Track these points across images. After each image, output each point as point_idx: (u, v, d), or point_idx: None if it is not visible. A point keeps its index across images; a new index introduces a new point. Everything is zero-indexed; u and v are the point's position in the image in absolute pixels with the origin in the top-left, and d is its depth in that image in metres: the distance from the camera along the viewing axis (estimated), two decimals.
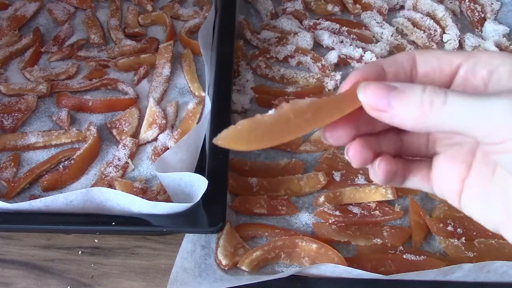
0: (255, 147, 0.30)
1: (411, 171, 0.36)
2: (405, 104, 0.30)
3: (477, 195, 0.33)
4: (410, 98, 0.29)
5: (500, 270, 0.49)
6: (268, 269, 0.54)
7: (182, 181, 0.52)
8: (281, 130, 0.30)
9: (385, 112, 0.30)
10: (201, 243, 0.54)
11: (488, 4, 0.83)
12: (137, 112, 0.66)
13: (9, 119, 0.64)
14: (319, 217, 0.58)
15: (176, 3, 0.80)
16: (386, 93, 0.30)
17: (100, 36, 0.75)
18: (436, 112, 0.29)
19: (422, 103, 0.29)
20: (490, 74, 0.31)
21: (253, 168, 0.62)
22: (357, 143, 0.34)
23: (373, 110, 0.31)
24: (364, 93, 0.31)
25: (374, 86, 0.31)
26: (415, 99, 0.29)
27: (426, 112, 0.29)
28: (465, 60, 0.32)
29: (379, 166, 0.34)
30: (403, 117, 0.30)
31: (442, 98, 0.29)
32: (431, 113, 0.29)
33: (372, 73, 0.33)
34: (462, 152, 0.34)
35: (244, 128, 0.29)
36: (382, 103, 0.30)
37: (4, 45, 0.72)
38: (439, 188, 0.35)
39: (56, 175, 0.59)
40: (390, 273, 0.52)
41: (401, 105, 0.30)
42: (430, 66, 0.33)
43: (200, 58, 0.73)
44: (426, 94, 0.29)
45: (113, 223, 0.51)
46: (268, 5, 0.82)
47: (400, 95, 0.30)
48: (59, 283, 0.54)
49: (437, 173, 0.35)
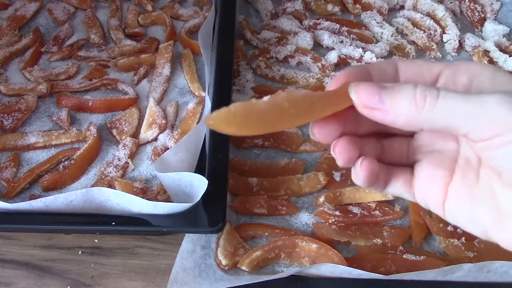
0: (246, 132, 0.29)
1: (393, 176, 0.35)
2: (398, 101, 0.30)
3: (462, 200, 0.33)
4: (403, 94, 0.30)
5: (500, 270, 0.49)
6: (268, 269, 0.54)
7: (182, 181, 0.52)
8: (274, 118, 0.30)
9: (378, 110, 0.30)
10: (201, 243, 0.54)
11: (488, 4, 0.83)
12: (137, 112, 0.66)
13: (9, 119, 0.64)
14: (319, 217, 0.58)
15: (176, 3, 0.80)
16: (377, 91, 0.30)
17: (100, 36, 0.75)
18: (429, 107, 0.29)
19: (415, 99, 0.29)
20: (470, 81, 0.32)
21: (253, 168, 0.62)
22: (343, 140, 0.34)
23: (365, 108, 0.31)
24: (356, 92, 0.31)
25: (365, 85, 0.31)
26: (408, 95, 0.29)
27: (419, 107, 0.29)
28: (445, 67, 0.33)
29: (362, 165, 0.34)
30: (395, 114, 0.30)
31: (435, 92, 0.29)
32: (424, 108, 0.29)
33: (358, 74, 0.33)
34: (444, 158, 0.34)
35: (237, 110, 0.29)
36: (374, 100, 0.30)
37: (4, 45, 0.72)
38: (421, 195, 0.35)
39: (56, 175, 0.59)
40: (390, 273, 0.52)
41: (394, 102, 0.30)
42: (411, 73, 0.34)
43: (200, 58, 0.73)
44: (418, 90, 0.29)
45: (113, 223, 0.51)
46: (268, 5, 0.82)
47: (392, 92, 0.30)
48: (59, 283, 0.54)
49: (420, 178, 0.35)
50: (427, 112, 0.29)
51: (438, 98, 0.29)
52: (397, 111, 0.30)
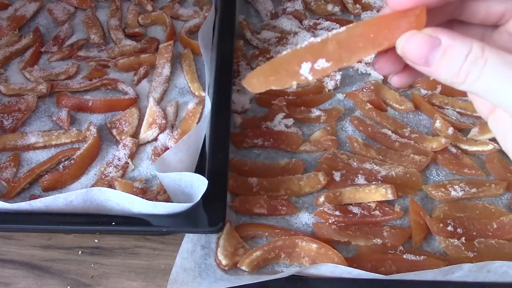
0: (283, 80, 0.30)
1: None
2: (443, 66, 0.30)
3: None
4: (450, 62, 0.29)
5: (500, 270, 0.49)
6: (268, 269, 0.54)
7: (182, 181, 0.52)
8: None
9: (422, 66, 0.30)
10: (201, 243, 0.54)
11: None
12: (137, 112, 0.66)
13: (9, 119, 0.64)
14: (319, 217, 0.58)
15: (176, 3, 0.80)
16: (429, 50, 0.30)
17: (100, 36, 0.75)
18: (469, 84, 0.29)
19: (459, 71, 0.29)
20: None
21: (253, 168, 0.62)
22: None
23: (410, 61, 0.31)
24: (406, 44, 0.30)
25: (420, 39, 0.30)
26: (454, 65, 0.29)
27: (460, 79, 0.29)
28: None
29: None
30: (437, 76, 0.30)
31: (479, 71, 0.29)
32: (464, 82, 0.29)
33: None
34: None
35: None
36: (421, 61, 0.30)
37: (4, 45, 0.72)
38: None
39: (56, 175, 0.59)
40: (390, 273, 0.52)
41: (439, 66, 0.30)
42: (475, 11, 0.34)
43: (200, 58, 0.73)
44: (466, 62, 0.29)
45: (113, 223, 0.51)
46: (268, 5, 0.82)
47: (441, 56, 0.30)
48: (59, 283, 0.54)
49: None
50: (467, 86, 0.29)
51: (479, 79, 0.29)
52: (440, 75, 0.30)
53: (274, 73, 0.31)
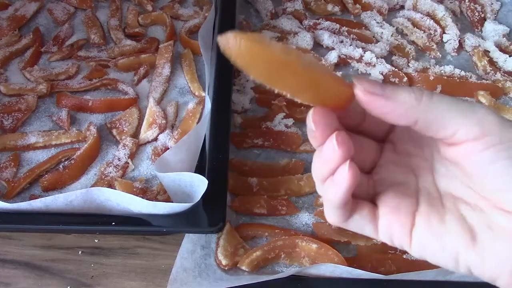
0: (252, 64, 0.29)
1: (357, 207, 0.34)
2: (398, 92, 0.31)
3: (432, 225, 0.32)
4: (402, 88, 0.31)
5: None
6: (268, 269, 0.54)
7: (182, 181, 0.52)
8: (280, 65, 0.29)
9: (379, 97, 0.31)
10: (201, 243, 0.54)
11: (488, 4, 0.83)
12: (137, 112, 0.66)
13: (9, 119, 0.64)
14: (319, 217, 0.58)
15: (176, 3, 0.80)
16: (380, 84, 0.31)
17: (100, 36, 0.75)
18: (427, 99, 0.31)
19: (413, 92, 0.31)
20: None
21: (253, 168, 0.62)
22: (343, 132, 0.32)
23: (367, 93, 0.31)
24: (359, 80, 0.31)
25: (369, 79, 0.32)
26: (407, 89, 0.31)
27: (418, 98, 0.31)
28: None
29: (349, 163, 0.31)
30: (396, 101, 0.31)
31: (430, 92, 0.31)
32: (421, 100, 0.31)
33: None
34: (406, 188, 0.34)
35: (256, 38, 0.28)
36: (377, 88, 0.31)
37: (4, 45, 0.72)
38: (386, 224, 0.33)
39: (56, 175, 0.59)
40: (390, 273, 0.52)
41: (395, 91, 0.31)
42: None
43: (200, 58, 0.73)
44: (415, 89, 0.31)
45: (113, 223, 0.51)
46: (268, 5, 0.82)
47: (393, 85, 0.32)
48: (59, 283, 0.54)
49: (385, 207, 0.34)
50: (424, 104, 0.31)
51: (434, 94, 0.31)
52: (398, 99, 0.31)
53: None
